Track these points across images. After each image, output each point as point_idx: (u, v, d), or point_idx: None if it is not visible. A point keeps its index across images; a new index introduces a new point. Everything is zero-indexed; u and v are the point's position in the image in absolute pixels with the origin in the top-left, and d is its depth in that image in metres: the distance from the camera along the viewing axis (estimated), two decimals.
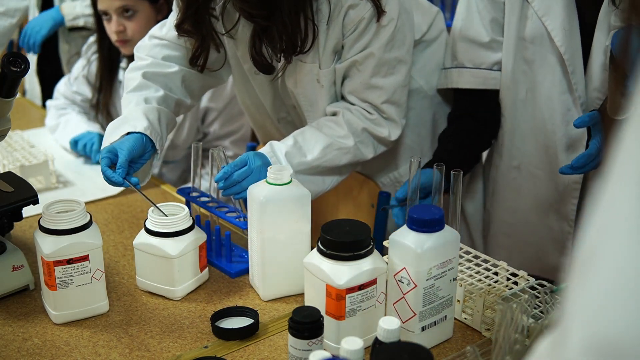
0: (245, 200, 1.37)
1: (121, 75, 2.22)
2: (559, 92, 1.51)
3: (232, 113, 2.22)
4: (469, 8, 1.58)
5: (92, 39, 2.29)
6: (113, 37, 2.12)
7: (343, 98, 1.57)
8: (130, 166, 1.40)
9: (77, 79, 2.27)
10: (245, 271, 1.39)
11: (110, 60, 2.22)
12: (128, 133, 1.42)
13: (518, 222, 1.68)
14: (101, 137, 2.04)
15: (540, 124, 1.57)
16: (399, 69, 1.52)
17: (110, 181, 1.37)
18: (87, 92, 2.26)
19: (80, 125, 2.09)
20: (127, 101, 1.53)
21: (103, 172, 1.37)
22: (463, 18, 1.59)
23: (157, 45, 1.60)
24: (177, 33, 1.54)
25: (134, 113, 1.47)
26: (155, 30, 1.63)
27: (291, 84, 1.56)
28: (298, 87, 1.56)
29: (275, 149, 1.47)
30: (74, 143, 2.02)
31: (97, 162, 1.98)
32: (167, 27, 1.60)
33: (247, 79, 1.64)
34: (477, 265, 1.32)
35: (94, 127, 2.09)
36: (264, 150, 1.47)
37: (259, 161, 1.41)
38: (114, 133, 1.44)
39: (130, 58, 2.15)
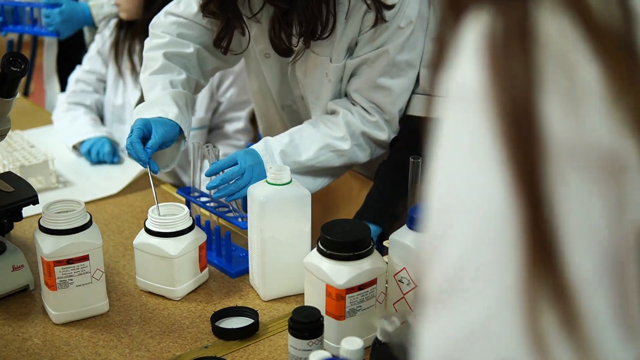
0: (243, 201, 1.37)
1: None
2: None
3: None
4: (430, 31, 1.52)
5: (108, 17, 2.30)
6: None
7: (346, 95, 1.56)
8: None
9: (90, 59, 2.28)
10: (245, 271, 1.39)
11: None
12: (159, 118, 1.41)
13: None
14: (109, 140, 2.03)
15: None
16: (408, 72, 1.50)
17: (137, 156, 1.35)
18: (99, 68, 2.27)
19: (85, 126, 2.08)
20: (152, 84, 1.52)
21: (132, 143, 1.34)
22: (426, 41, 1.53)
23: (174, 23, 1.57)
24: (201, 13, 1.51)
25: (163, 98, 1.46)
26: (172, 7, 1.59)
27: (301, 72, 1.54)
28: (307, 77, 1.54)
29: (271, 147, 1.45)
30: (87, 153, 2.02)
31: (112, 162, 1.99)
32: (184, 4, 1.57)
33: (257, 62, 1.62)
34: None
35: (100, 131, 2.08)
36: (257, 147, 1.45)
37: (250, 160, 1.40)
38: (143, 114, 1.42)
39: (131, 33, 2.17)
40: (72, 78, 2.32)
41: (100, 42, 2.29)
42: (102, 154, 1.99)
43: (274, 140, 1.47)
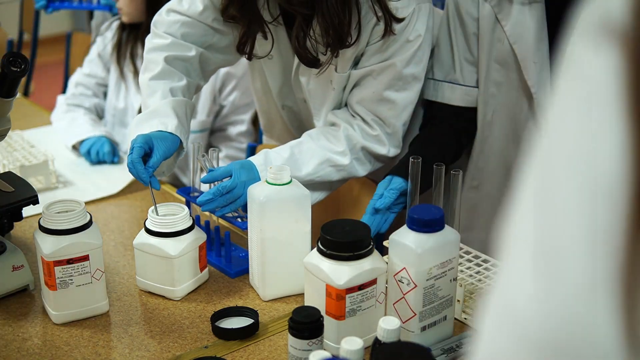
0: (244, 207, 1.37)
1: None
2: (524, 118, 1.49)
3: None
4: (456, 23, 1.54)
5: (109, 20, 2.29)
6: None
7: (346, 106, 1.54)
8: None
9: (91, 61, 2.27)
10: (245, 271, 1.40)
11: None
12: (159, 131, 1.40)
13: (474, 240, 1.67)
14: (109, 140, 2.03)
15: (504, 145, 1.55)
16: (413, 86, 1.49)
17: (138, 175, 1.34)
18: (100, 72, 2.26)
19: (84, 126, 2.08)
20: (151, 89, 1.49)
21: (134, 162, 1.33)
22: (453, 30, 1.55)
23: (177, 22, 1.53)
24: (221, 17, 1.50)
25: (163, 108, 1.44)
26: (174, 4, 1.55)
27: (305, 78, 1.53)
28: (311, 84, 1.53)
29: (271, 161, 1.44)
30: (87, 153, 2.02)
31: (112, 162, 1.99)
32: (187, 2, 1.53)
33: (260, 62, 1.60)
34: (477, 265, 1.32)
35: (99, 131, 2.08)
36: (255, 160, 1.43)
37: (244, 176, 1.37)
38: (143, 126, 1.41)
39: (134, 36, 2.16)
40: (72, 81, 2.31)
41: (101, 45, 2.28)
42: (101, 153, 1.99)
43: (274, 154, 1.46)
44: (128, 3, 2.10)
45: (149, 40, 1.57)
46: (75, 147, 2.06)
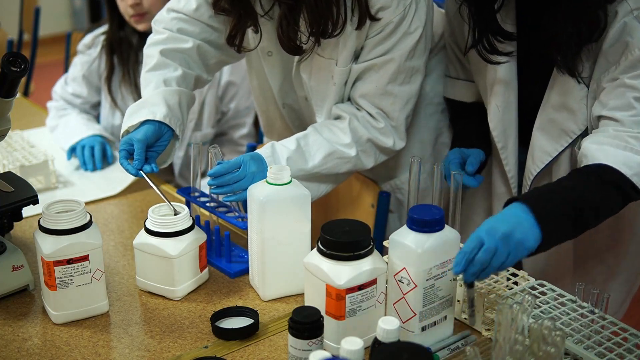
0: (244, 203, 1.37)
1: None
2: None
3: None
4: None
5: (90, 37, 2.22)
6: (129, 13, 2.03)
7: (350, 100, 1.54)
8: (150, 153, 1.44)
9: (74, 80, 2.20)
10: (245, 271, 1.40)
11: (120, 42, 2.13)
12: (147, 120, 1.43)
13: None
14: (101, 140, 2.01)
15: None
16: (415, 79, 1.50)
17: (128, 172, 1.42)
18: (85, 93, 2.20)
19: (79, 127, 2.07)
20: (147, 81, 1.52)
21: (121, 164, 1.42)
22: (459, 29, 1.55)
23: (175, 19, 1.56)
24: (212, 10, 1.51)
25: (153, 98, 1.47)
26: (173, 2, 1.59)
27: (306, 74, 1.53)
28: (312, 80, 1.53)
29: (277, 153, 1.44)
30: (71, 150, 2.00)
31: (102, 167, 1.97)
32: (184, 0, 1.56)
33: (259, 59, 1.61)
34: None
35: (94, 129, 2.06)
36: (263, 152, 1.44)
37: (253, 167, 1.39)
38: (132, 117, 1.45)
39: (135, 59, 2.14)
40: (57, 92, 2.23)
41: (86, 65, 2.19)
42: (88, 159, 1.95)
43: (281, 146, 1.46)
44: (159, 3, 1.97)
45: (150, 38, 1.60)
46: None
